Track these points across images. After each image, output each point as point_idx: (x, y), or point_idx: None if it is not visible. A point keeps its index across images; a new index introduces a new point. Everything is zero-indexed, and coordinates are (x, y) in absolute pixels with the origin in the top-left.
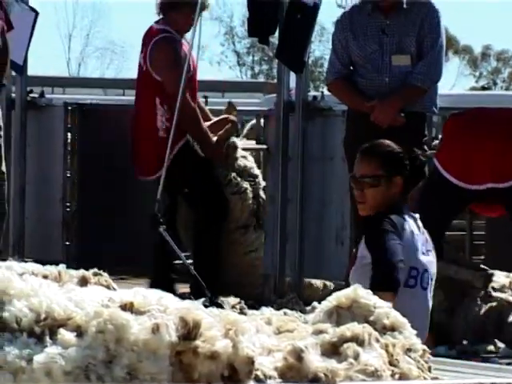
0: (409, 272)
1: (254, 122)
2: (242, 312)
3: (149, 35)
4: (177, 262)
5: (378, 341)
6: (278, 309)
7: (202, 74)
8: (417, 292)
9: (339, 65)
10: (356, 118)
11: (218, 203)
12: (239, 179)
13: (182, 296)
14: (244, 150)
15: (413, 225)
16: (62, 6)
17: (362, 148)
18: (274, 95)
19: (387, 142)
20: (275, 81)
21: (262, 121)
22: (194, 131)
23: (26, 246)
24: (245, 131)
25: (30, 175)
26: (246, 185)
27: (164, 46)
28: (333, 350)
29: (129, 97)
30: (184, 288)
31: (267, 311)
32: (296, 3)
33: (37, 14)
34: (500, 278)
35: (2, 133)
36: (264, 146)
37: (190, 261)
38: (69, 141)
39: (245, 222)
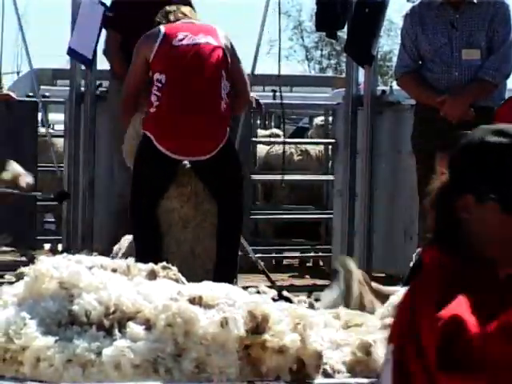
0: None
1: (321, 117)
2: (311, 306)
3: None
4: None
5: None
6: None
7: (270, 69)
8: None
9: (408, 59)
10: (425, 113)
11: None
12: None
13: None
14: (312, 143)
15: None
16: None
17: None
18: (343, 89)
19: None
20: (344, 75)
21: (330, 115)
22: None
23: (94, 239)
24: (313, 127)
25: (100, 169)
26: None
27: None
28: None
29: None
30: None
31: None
32: None
33: (106, 7)
34: None
35: None
36: (332, 140)
37: None
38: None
39: None
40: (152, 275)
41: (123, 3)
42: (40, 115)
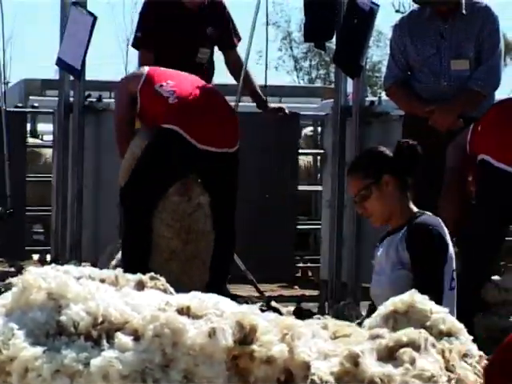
0: (451, 274)
1: (310, 128)
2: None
3: None
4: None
5: (434, 346)
6: (334, 314)
7: (260, 79)
8: (454, 294)
9: (397, 69)
10: (413, 123)
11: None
12: None
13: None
14: (301, 154)
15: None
16: (120, 9)
17: (347, 169)
18: (331, 100)
19: (366, 149)
20: (332, 86)
21: (319, 126)
22: None
23: (83, 250)
24: (302, 137)
25: (88, 179)
26: None
27: None
28: (389, 355)
29: None
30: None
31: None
32: (353, 8)
33: (95, 18)
34: None
35: None
36: (321, 151)
37: None
38: None
39: None
40: (140, 285)
41: (149, 21)
42: (29, 126)
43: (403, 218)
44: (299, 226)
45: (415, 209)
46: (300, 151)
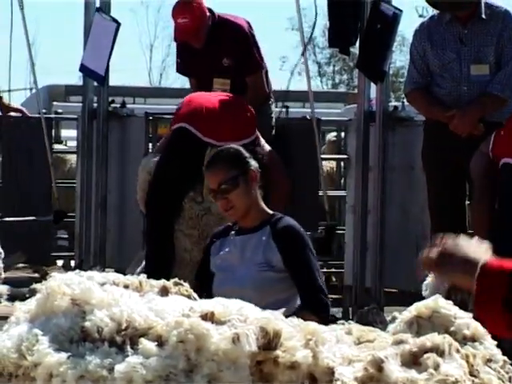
0: None
1: (334, 133)
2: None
3: None
4: None
5: (458, 351)
6: (358, 319)
7: (283, 85)
8: None
9: (417, 75)
10: (434, 129)
11: None
12: None
13: None
14: (325, 159)
15: None
16: (144, 16)
17: (207, 164)
18: (355, 105)
19: (223, 148)
20: (356, 91)
21: (342, 131)
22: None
23: (107, 255)
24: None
25: (112, 185)
26: None
27: None
28: (413, 361)
29: None
30: None
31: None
32: (376, 14)
33: (118, 24)
34: None
35: None
36: (345, 156)
37: None
38: (150, 150)
39: None
40: (164, 291)
41: (181, 47)
42: (53, 131)
43: (259, 218)
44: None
45: (269, 210)
46: (323, 156)
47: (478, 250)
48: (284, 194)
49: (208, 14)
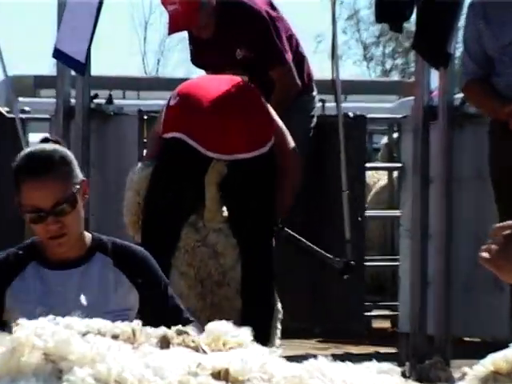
0: None
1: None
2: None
3: None
4: None
5: None
6: (418, 376)
7: (318, 71)
8: None
9: (472, 64)
10: (500, 129)
11: None
12: None
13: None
14: (370, 169)
15: None
16: None
17: (27, 169)
18: (411, 98)
19: (47, 148)
20: (412, 79)
21: (395, 131)
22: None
23: None
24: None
25: (94, 203)
26: None
27: None
28: None
29: None
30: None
31: None
32: None
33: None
34: None
35: None
36: (398, 165)
37: None
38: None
39: None
40: (164, 342)
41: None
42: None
43: (85, 245)
44: (370, 263)
45: (88, 232)
46: (368, 165)
47: None
48: (296, 182)
49: None
